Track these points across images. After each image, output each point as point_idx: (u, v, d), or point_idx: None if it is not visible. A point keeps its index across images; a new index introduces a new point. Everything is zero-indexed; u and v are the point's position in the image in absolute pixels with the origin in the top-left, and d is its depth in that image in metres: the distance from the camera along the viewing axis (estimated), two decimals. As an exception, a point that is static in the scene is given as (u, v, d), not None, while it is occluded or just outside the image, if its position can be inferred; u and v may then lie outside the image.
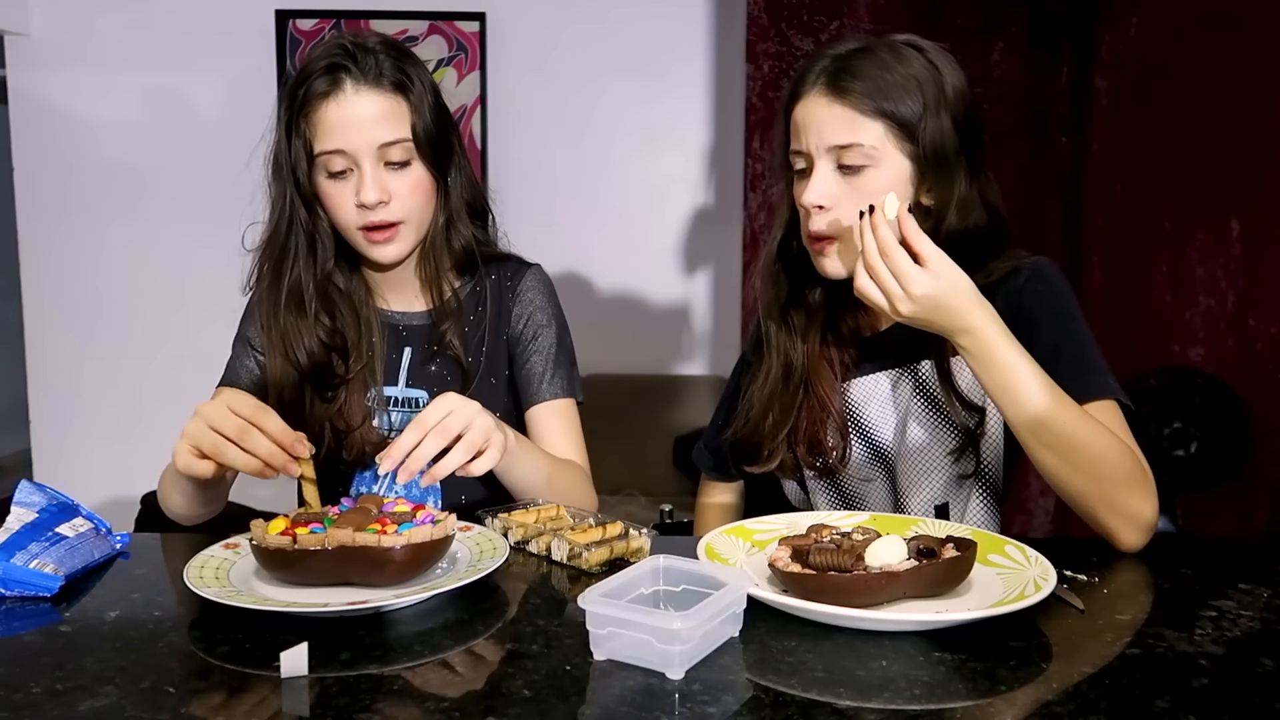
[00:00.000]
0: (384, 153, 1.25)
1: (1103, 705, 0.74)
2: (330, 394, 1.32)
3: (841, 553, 0.89)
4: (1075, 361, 1.17)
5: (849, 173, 1.18)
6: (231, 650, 0.84)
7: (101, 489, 3.08)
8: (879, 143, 1.17)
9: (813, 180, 1.19)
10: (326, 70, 1.24)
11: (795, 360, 1.31)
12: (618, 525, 1.10)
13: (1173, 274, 2.59)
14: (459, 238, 1.36)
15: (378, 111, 1.24)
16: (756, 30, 2.97)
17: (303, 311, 1.31)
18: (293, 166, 1.27)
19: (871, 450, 1.29)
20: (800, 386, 1.30)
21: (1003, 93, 2.86)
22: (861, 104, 1.17)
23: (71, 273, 3.36)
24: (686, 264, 3.39)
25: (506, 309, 1.40)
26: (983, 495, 1.27)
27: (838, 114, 1.18)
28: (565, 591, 1.00)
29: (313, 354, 1.30)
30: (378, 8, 3.25)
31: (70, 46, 3.27)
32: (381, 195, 1.25)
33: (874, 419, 1.29)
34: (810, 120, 1.20)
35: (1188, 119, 2.53)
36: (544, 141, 3.34)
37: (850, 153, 1.18)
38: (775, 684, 0.78)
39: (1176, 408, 2.38)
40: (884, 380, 1.29)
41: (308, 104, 1.24)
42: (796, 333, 1.31)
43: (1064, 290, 1.23)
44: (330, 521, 0.98)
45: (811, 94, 1.20)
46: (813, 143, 1.20)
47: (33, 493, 1.10)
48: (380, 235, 1.27)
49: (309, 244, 1.31)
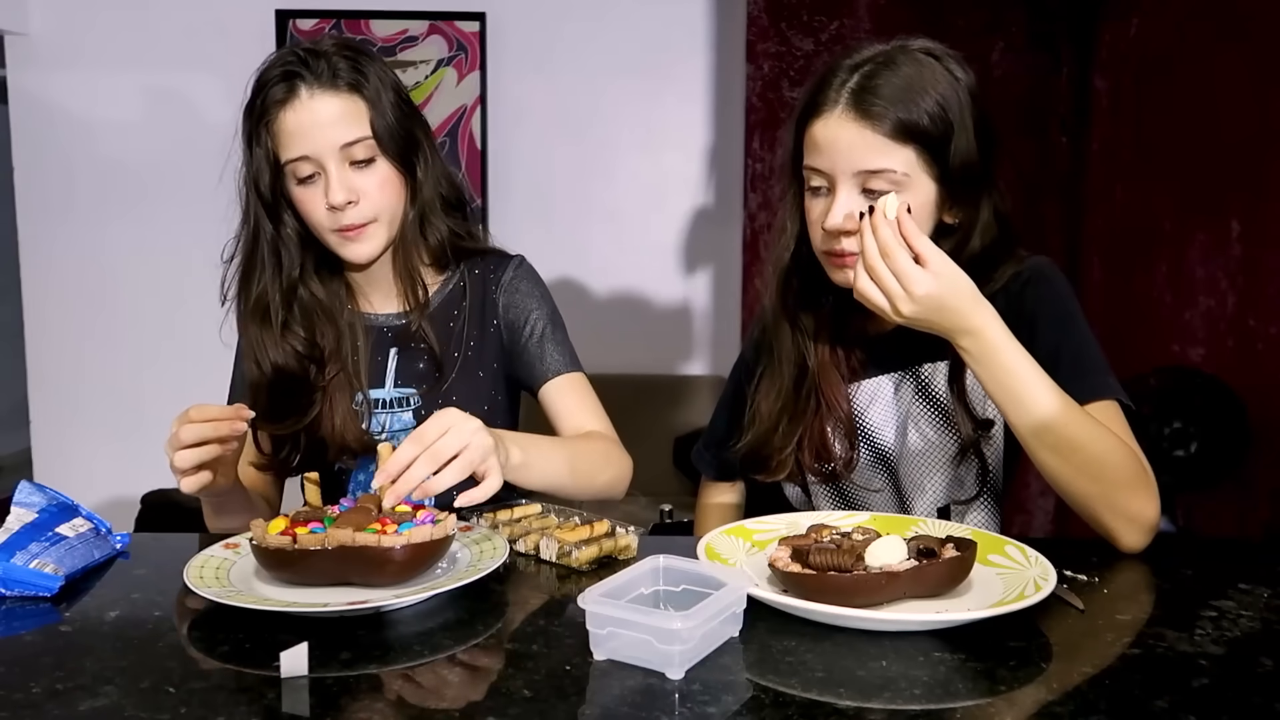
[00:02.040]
0: (347, 153, 1.25)
1: (1103, 705, 0.74)
2: (305, 401, 1.32)
3: (841, 553, 0.89)
4: (1076, 362, 1.16)
5: (873, 197, 1.14)
6: (231, 650, 0.84)
7: (101, 489, 3.09)
8: (909, 169, 1.14)
9: (838, 204, 1.16)
10: (281, 78, 1.24)
11: (808, 365, 1.29)
12: (604, 523, 1.10)
13: (1173, 274, 2.59)
14: (434, 232, 1.35)
15: (335, 113, 1.24)
16: (756, 30, 2.97)
17: (267, 323, 1.31)
18: (254, 178, 1.28)
19: (874, 453, 1.29)
20: (810, 394, 1.29)
21: (1003, 93, 2.85)
22: (892, 129, 1.13)
23: (71, 273, 3.36)
24: (686, 264, 3.39)
25: (491, 302, 1.39)
26: (984, 496, 1.27)
27: (867, 140, 1.13)
28: (564, 591, 1.00)
29: (279, 364, 1.31)
30: (378, 8, 3.25)
31: (70, 46, 3.27)
32: (349, 195, 1.25)
33: (876, 422, 1.28)
34: (835, 142, 1.15)
35: (1188, 119, 2.53)
36: (544, 141, 3.34)
37: (878, 179, 1.14)
38: (775, 684, 0.78)
39: (1176, 408, 2.38)
40: (886, 383, 1.29)
41: (266, 113, 1.25)
42: (809, 337, 1.30)
43: (1064, 291, 1.22)
44: (331, 521, 0.98)
45: (835, 113, 1.15)
46: (838, 165, 1.15)
47: (32, 493, 1.10)
48: (352, 233, 1.27)
49: (274, 255, 1.31)
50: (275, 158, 1.26)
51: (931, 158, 1.15)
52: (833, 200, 1.17)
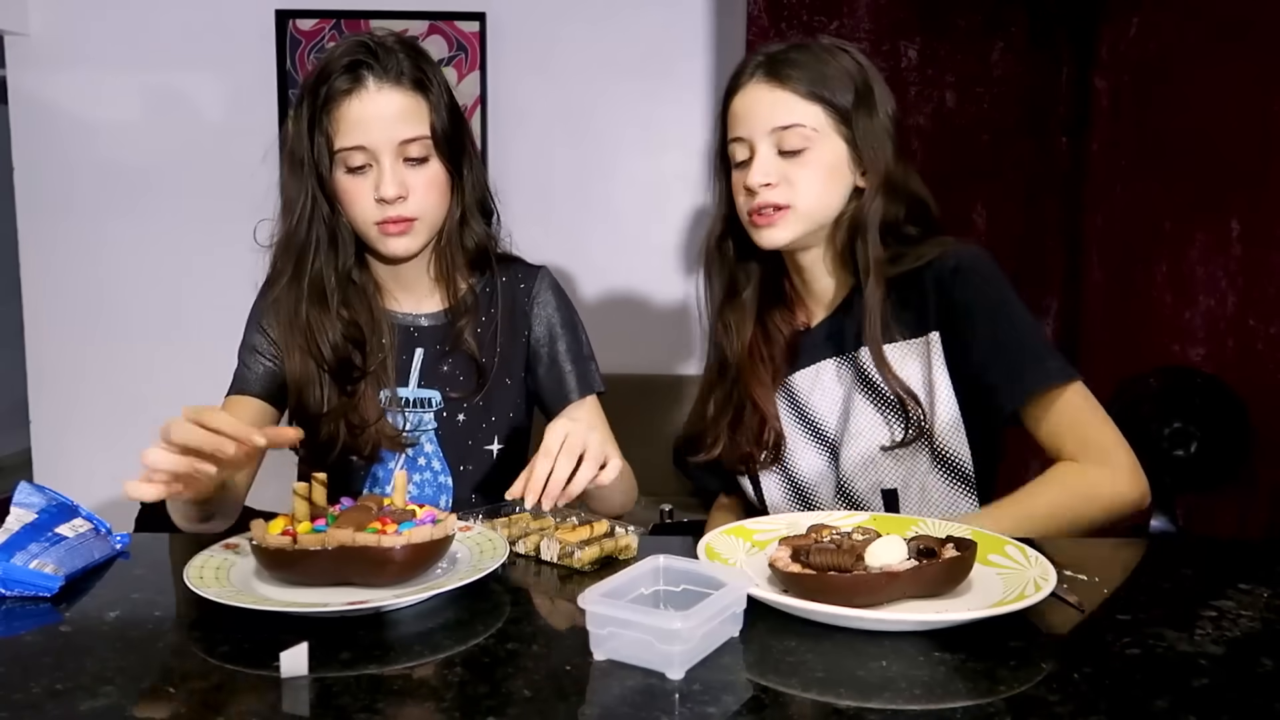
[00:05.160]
0: (403, 149, 1.26)
1: (1103, 705, 0.74)
2: (350, 388, 1.32)
3: (841, 553, 0.89)
4: (1019, 352, 1.21)
5: (790, 156, 1.24)
6: (231, 650, 0.84)
7: (101, 489, 3.08)
8: (818, 124, 1.25)
9: (756, 162, 1.25)
10: (348, 68, 1.25)
11: (729, 358, 1.36)
12: (603, 524, 1.10)
13: (1173, 274, 2.58)
14: (472, 235, 1.37)
15: (399, 109, 1.25)
16: (756, 30, 2.97)
17: (325, 305, 1.31)
18: (315, 163, 1.28)
19: (817, 437, 1.31)
20: (734, 382, 1.35)
21: (1003, 93, 2.85)
22: (799, 88, 1.24)
23: (71, 273, 3.35)
24: (686, 264, 3.39)
25: (523, 312, 1.40)
26: (949, 481, 1.27)
27: (778, 97, 1.25)
28: (565, 591, 1.00)
29: (336, 347, 1.31)
30: (378, 8, 3.25)
31: (70, 46, 3.27)
32: (400, 190, 1.26)
33: (818, 406, 1.32)
34: (750, 107, 1.27)
35: (1188, 119, 2.53)
36: (544, 141, 3.33)
37: (791, 134, 1.24)
38: (775, 684, 0.78)
39: (1176, 408, 2.37)
40: (826, 367, 1.33)
41: (330, 101, 1.25)
42: (732, 330, 1.34)
43: (996, 279, 1.26)
44: (333, 519, 0.98)
45: (750, 83, 1.27)
46: (755, 128, 1.26)
47: (32, 494, 1.10)
48: (395, 228, 1.28)
49: (330, 238, 1.31)
50: (331, 144, 1.26)
51: (839, 116, 1.25)
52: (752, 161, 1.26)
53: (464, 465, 1.37)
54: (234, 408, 1.34)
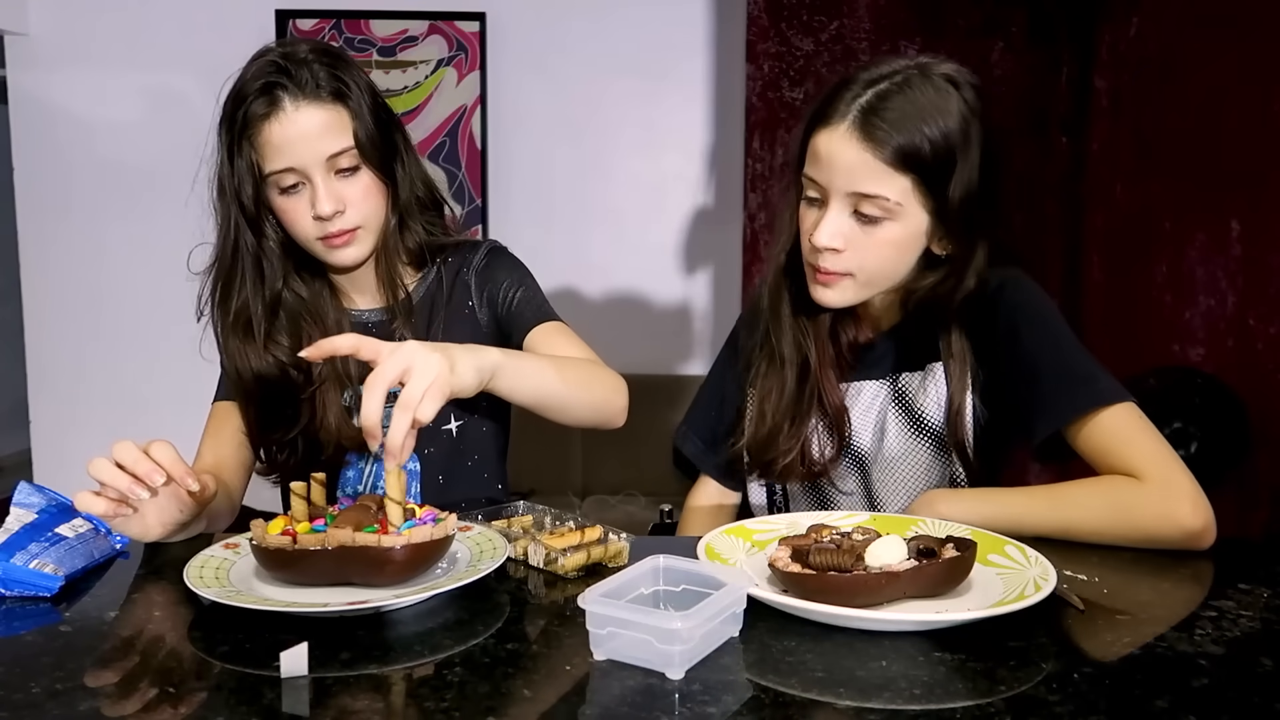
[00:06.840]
0: (332, 163, 1.25)
1: (1103, 705, 0.74)
2: (293, 409, 1.32)
3: (841, 553, 0.89)
4: (1066, 374, 1.16)
5: (864, 220, 1.15)
6: (231, 650, 0.84)
7: (101, 489, 3.08)
8: (903, 198, 1.13)
9: (826, 220, 1.16)
10: (263, 90, 1.23)
11: (810, 364, 1.30)
12: (596, 529, 1.08)
13: (1173, 274, 2.58)
14: (412, 235, 1.36)
15: (320, 124, 1.23)
16: (756, 30, 2.97)
17: (250, 335, 1.30)
18: (236, 190, 1.26)
19: (850, 455, 1.30)
20: (813, 394, 1.30)
21: (1003, 93, 2.85)
22: (889, 154, 1.11)
23: (71, 273, 3.36)
24: (686, 264, 3.39)
25: (463, 284, 1.39)
26: None
27: (866, 161, 1.12)
28: (564, 591, 1.00)
29: (263, 375, 1.30)
30: (378, 8, 3.25)
31: (70, 46, 3.27)
32: (336, 205, 1.25)
33: (855, 425, 1.30)
34: (834, 158, 1.14)
35: (1188, 119, 2.53)
36: (544, 141, 3.34)
37: (870, 203, 1.14)
38: (775, 684, 0.78)
39: (1176, 408, 2.38)
40: (869, 388, 1.30)
41: (249, 126, 1.24)
42: (808, 338, 1.30)
43: (1042, 298, 1.22)
44: (332, 519, 0.98)
45: (840, 129, 1.14)
46: (834, 182, 1.15)
47: (31, 494, 1.10)
48: (339, 240, 1.27)
49: (255, 266, 1.30)
50: (257, 169, 1.25)
51: (928, 189, 1.14)
52: (823, 215, 1.17)
53: (426, 449, 1.37)
54: (222, 414, 1.36)
